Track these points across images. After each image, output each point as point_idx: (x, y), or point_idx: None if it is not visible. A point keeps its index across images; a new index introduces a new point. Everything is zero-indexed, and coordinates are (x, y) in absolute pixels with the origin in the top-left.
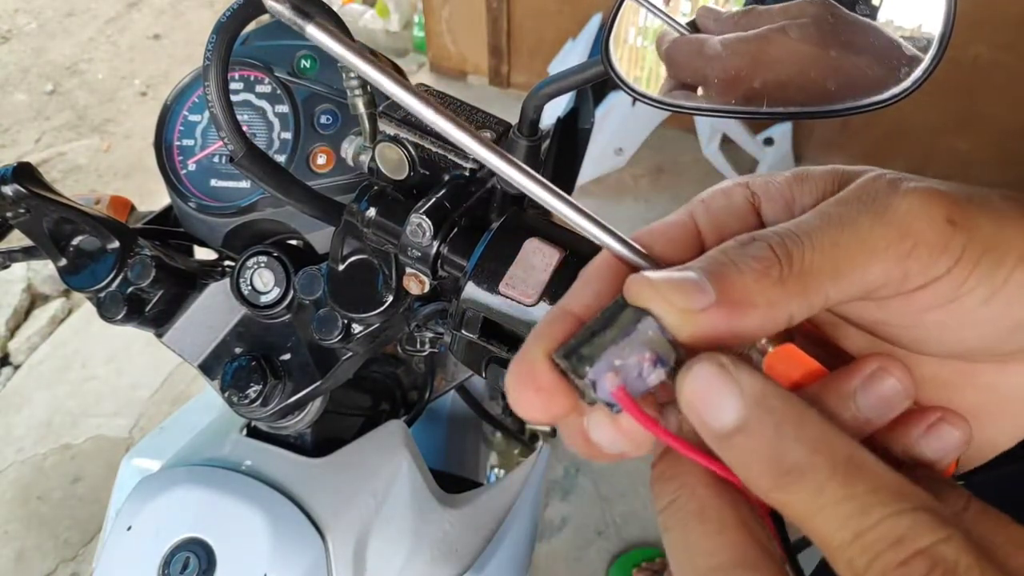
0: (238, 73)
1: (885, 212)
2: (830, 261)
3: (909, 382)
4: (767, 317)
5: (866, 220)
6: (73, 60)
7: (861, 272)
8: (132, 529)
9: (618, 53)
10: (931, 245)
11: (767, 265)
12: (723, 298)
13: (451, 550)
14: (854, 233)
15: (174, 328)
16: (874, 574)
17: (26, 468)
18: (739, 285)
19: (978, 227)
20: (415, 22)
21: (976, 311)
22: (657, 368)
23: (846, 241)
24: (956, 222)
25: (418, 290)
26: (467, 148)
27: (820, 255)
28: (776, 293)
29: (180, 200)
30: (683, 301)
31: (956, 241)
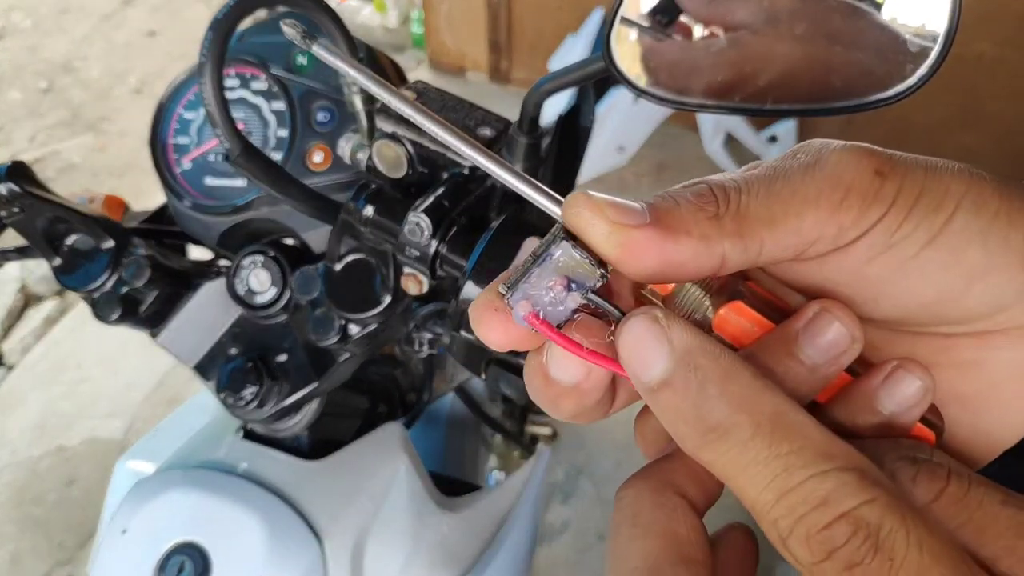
0: (234, 70)
1: (816, 164)
2: (765, 208)
3: (853, 322)
4: (700, 250)
5: (799, 172)
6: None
7: (795, 221)
8: (127, 533)
9: (620, 49)
10: (862, 194)
11: (704, 201)
12: (655, 220)
13: (450, 554)
14: (787, 183)
15: (169, 328)
16: (798, 537)
17: (20, 470)
18: (674, 214)
19: (909, 175)
20: (413, 18)
21: (918, 257)
22: (572, 292)
23: (779, 190)
24: (885, 173)
25: (416, 290)
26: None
27: (756, 201)
28: (710, 228)
29: (175, 199)
30: (616, 215)
31: (887, 189)
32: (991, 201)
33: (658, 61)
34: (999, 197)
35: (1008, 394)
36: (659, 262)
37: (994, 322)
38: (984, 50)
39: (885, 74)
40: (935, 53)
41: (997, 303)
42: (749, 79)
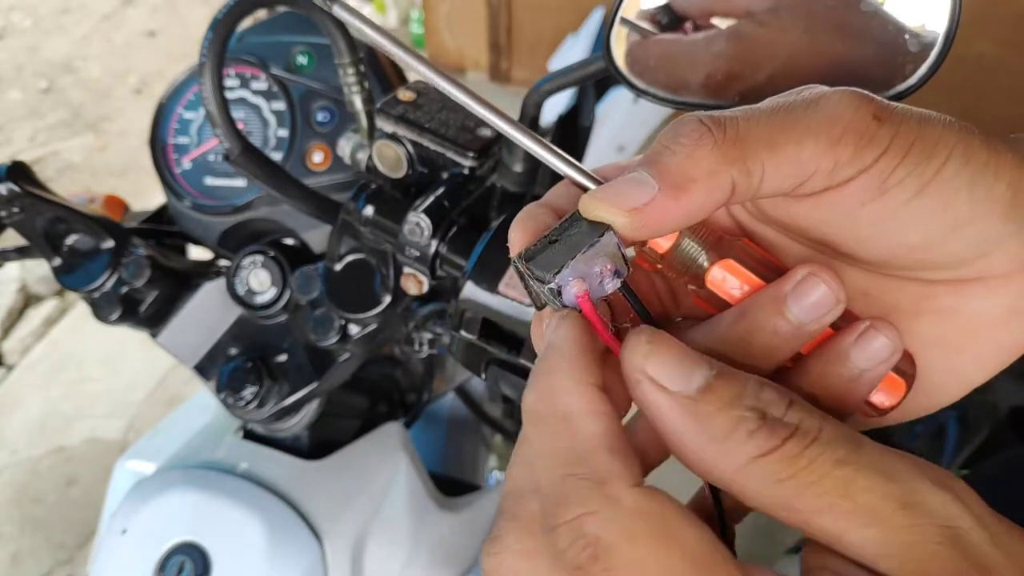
0: (234, 70)
1: (817, 101)
2: (766, 131)
3: (838, 286)
4: (710, 187)
5: (800, 106)
6: (68, 57)
7: (795, 147)
8: (127, 533)
9: (619, 49)
10: (858, 133)
11: (699, 135)
12: (664, 183)
13: (450, 554)
14: (788, 114)
15: (169, 328)
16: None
17: (20, 470)
18: (674, 164)
19: (905, 123)
20: (413, 18)
21: (909, 204)
22: (614, 279)
23: (781, 119)
24: (882, 119)
25: (416, 290)
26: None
27: (757, 126)
28: (713, 159)
29: (175, 199)
30: (629, 202)
31: (883, 133)
32: (980, 153)
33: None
34: (987, 149)
35: (983, 339)
36: (679, 218)
37: (974, 269)
38: (985, 50)
39: (885, 73)
40: (935, 53)
41: (978, 250)
42: (747, 77)
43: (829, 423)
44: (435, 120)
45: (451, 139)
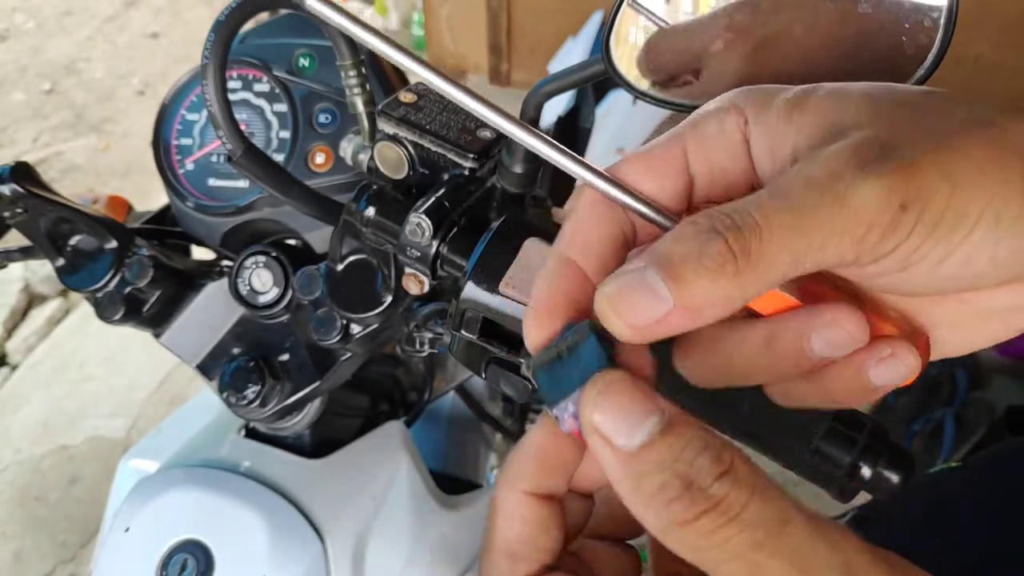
0: (236, 72)
1: (845, 199)
2: (788, 249)
3: (862, 331)
4: (724, 309)
5: (827, 206)
6: (71, 59)
7: (816, 255)
8: (130, 531)
9: (619, 51)
10: (883, 228)
11: (722, 262)
12: (680, 304)
13: (451, 552)
14: (814, 218)
15: (172, 328)
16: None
17: (23, 469)
18: (695, 289)
19: (933, 199)
20: (414, 20)
21: (930, 273)
22: None
23: (804, 227)
24: (908, 205)
25: (417, 290)
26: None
27: (777, 244)
28: (733, 288)
29: (178, 199)
30: (641, 317)
31: (906, 221)
32: (1012, 205)
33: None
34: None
35: (997, 320)
36: (684, 330)
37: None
38: (982, 52)
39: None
40: (932, 54)
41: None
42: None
43: (757, 499)
44: (436, 122)
45: (452, 141)
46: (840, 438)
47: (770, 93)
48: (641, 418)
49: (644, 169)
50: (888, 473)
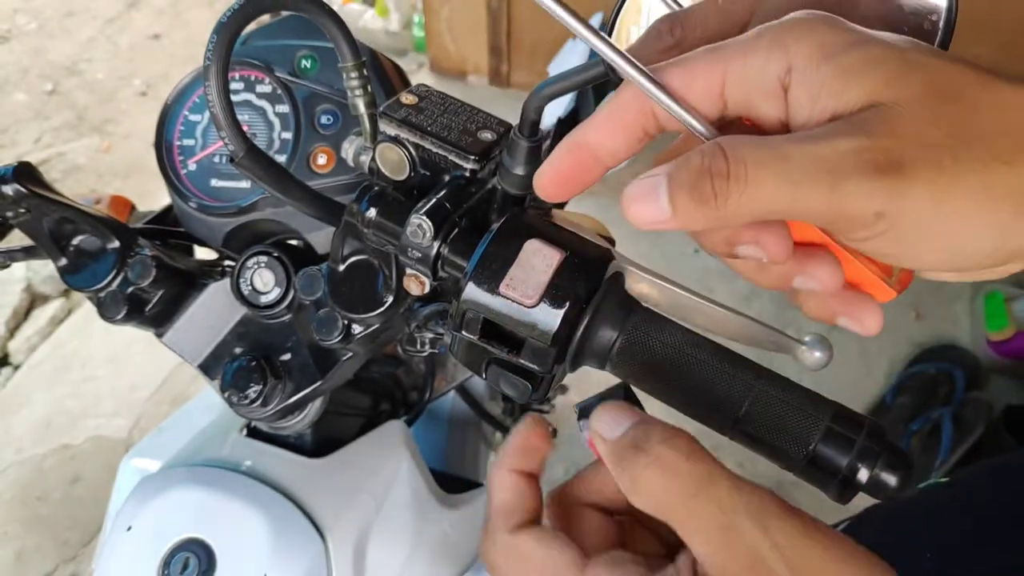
0: (238, 73)
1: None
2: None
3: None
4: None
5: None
6: (73, 60)
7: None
8: (132, 529)
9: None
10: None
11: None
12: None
13: (451, 550)
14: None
15: (174, 328)
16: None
17: (25, 468)
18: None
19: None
20: (415, 22)
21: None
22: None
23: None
24: (884, 215)
25: (418, 291)
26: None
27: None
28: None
29: (180, 200)
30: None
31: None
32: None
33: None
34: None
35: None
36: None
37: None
38: (981, 53)
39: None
40: None
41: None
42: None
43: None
44: (437, 123)
45: (453, 142)
46: (838, 440)
47: (831, 46)
48: (624, 421)
49: (687, 82)
50: (886, 475)
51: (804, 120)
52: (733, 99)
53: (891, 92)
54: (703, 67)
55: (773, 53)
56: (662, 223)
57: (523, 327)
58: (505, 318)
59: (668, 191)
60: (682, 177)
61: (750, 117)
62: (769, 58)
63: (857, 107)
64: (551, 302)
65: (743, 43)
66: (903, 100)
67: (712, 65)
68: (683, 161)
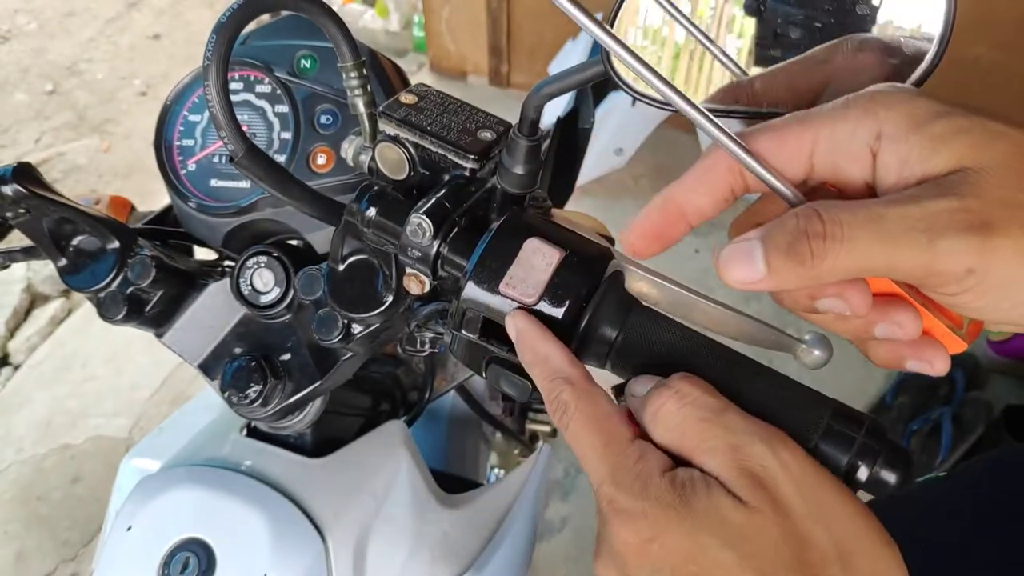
0: (238, 73)
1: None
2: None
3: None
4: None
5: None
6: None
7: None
8: (132, 529)
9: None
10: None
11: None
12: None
13: (451, 550)
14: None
15: (174, 328)
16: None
17: (26, 468)
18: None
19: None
20: (415, 22)
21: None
22: None
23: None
24: (974, 271)
25: (418, 290)
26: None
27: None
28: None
29: (180, 200)
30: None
31: (969, 281)
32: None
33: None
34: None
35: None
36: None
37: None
38: (980, 53)
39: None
40: (930, 57)
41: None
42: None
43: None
44: (436, 123)
45: (452, 142)
46: (838, 437)
47: (920, 116)
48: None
49: (776, 146)
50: (885, 472)
51: (893, 183)
52: (821, 163)
53: (977, 158)
54: (794, 134)
55: (864, 121)
56: (756, 283)
57: None
58: (505, 317)
59: (764, 253)
60: (778, 239)
61: (835, 181)
62: (859, 125)
63: (944, 172)
64: (551, 301)
65: (832, 111)
66: (988, 165)
67: (802, 132)
68: (777, 225)
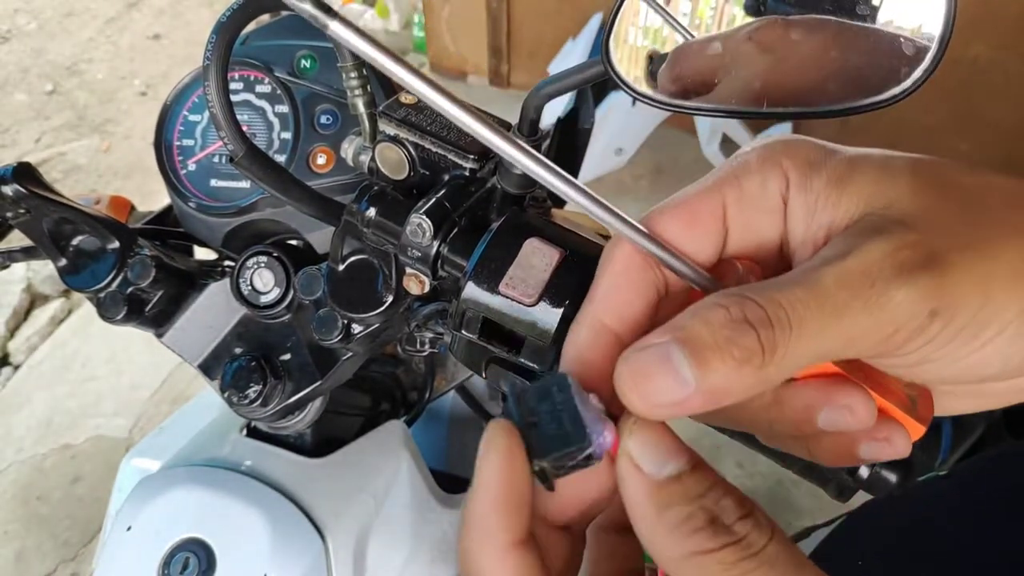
0: (238, 73)
1: (877, 304)
2: (813, 347)
3: (870, 418)
4: (743, 396)
5: (858, 309)
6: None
7: (841, 352)
8: (132, 529)
9: (618, 53)
10: (909, 332)
11: (750, 356)
12: (702, 389)
13: (451, 550)
14: (844, 321)
15: (174, 328)
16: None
17: (26, 468)
18: (719, 376)
19: (963, 308)
20: (415, 22)
21: (944, 369)
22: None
23: (833, 330)
24: (939, 312)
25: (418, 290)
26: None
27: (804, 343)
28: (756, 379)
29: (180, 200)
30: (661, 397)
31: (934, 328)
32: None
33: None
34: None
35: (998, 390)
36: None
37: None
38: (980, 53)
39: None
40: (930, 56)
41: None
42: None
43: (777, 542)
44: (436, 123)
45: (452, 142)
46: None
47: (817, 158)
48: (671, 455)
49: (686, 222)
50: (886, 473)
51: (801, 234)
52: (735, 226)
53: (886, 194)
54: (700, 198)
55: (769, 170)
56: (682, 403)
57: (523, 326)
58: (505, 317)
59: (689, 357)
60: (705, 336)
61: (749, 245)
62: (766, 175)
63: (856, 216)
64: (551, 301)
65: (734, 167)
66: (900, 200)
67: (711, 197)
68: (696, 318)
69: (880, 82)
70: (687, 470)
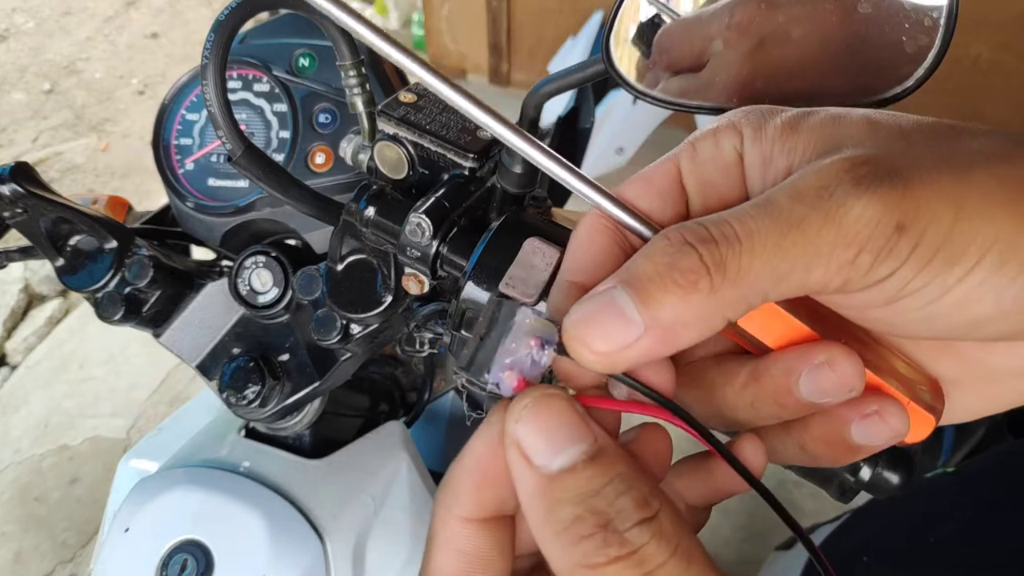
0: (236, 72)
1: (836, 215)
2: (769, 265)
3: (856, 377)
4: (702, 330)
5: (815, 221)
6: (71, 59)
7: (801, 275)
8: (130, 531)
9: (619, 51)
10: (876, 251)
11: (695, 278)
12: (651, 326)
13: None
14: (800, 235)
15: (172, 328)
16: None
17: (23, 469)
18: (667, 309)
19: (933, 225)
20: (414, 20)
21: (923, 311)
22: (546, 349)
23: (789, 244)
24: (906, 227)
25: (417, 290)
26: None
27: (759, 260)
28: (708, 306)
29: (178, 199)
30: (608, 342)
31: (903, 245)
32: (1022, 251)
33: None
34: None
35: (1000, 385)
36: (658, 356)
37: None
38: (981, 53)
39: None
40: (931, 55)
41: (1002, 335)
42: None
43: (678, 559)
44: (436, 122)
45: (451, 141)
46: None
47: (768, 113)
48: (566, 442)
49: (642, 187)
50: (888, 474)
51: (760, 185)
52: (692, 185)
53: (841, 132)
54: (656, 166)
55: (723, 130)
56: (634, 346)
57: None
58: None
59: (632, 295)
60: (646, 268)
61: (714, 204)
62: (719, 135)
63: (812, 156)
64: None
65: (692, 136)
66: (858, 135)
67: (665, 160)
68: (639, 256)
69: (881, 81)
70: (582, 460)
